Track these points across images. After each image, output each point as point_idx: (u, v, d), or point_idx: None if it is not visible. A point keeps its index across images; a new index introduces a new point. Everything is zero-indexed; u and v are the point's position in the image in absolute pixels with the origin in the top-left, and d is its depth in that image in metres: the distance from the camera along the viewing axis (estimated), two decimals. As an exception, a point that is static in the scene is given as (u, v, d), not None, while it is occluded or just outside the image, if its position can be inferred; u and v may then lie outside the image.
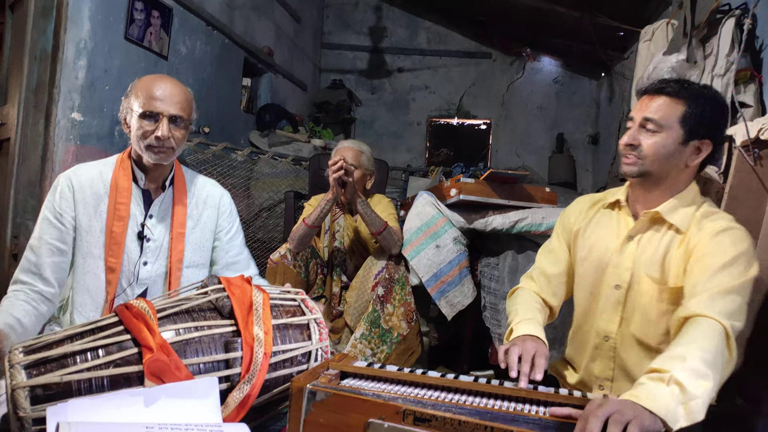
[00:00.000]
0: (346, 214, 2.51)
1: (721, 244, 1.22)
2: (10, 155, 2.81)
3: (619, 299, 1.38)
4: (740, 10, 2.10)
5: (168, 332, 1.12)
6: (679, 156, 1.30)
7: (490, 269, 2.54)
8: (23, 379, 1.00)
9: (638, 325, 1.35)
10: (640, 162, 1.31)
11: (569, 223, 1.55)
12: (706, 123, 1.28)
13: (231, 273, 1.69)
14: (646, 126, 1.31)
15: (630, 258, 1.36)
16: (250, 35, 4.56)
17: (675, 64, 2.26)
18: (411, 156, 6.25)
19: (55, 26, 2.71)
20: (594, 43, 4.74)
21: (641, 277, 1.34)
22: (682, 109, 1.29)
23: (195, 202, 1.67)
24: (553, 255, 1.56)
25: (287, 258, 2.29)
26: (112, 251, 1.52)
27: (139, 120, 1.50)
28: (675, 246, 1.31)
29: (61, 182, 1.55)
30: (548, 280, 1.53)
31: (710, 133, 1.29)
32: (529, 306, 1.45)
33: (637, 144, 1.32)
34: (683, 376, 0.96)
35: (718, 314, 1.11)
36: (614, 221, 1.44)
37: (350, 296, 2.37)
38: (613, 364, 1.40)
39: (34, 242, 1.51)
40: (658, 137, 1.29)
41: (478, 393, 1.08)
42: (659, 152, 1.29)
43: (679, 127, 1.28)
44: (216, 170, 3.43)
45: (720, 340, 1.07)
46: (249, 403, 1.12)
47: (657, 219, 1.34)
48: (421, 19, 6.31)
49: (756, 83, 2.07)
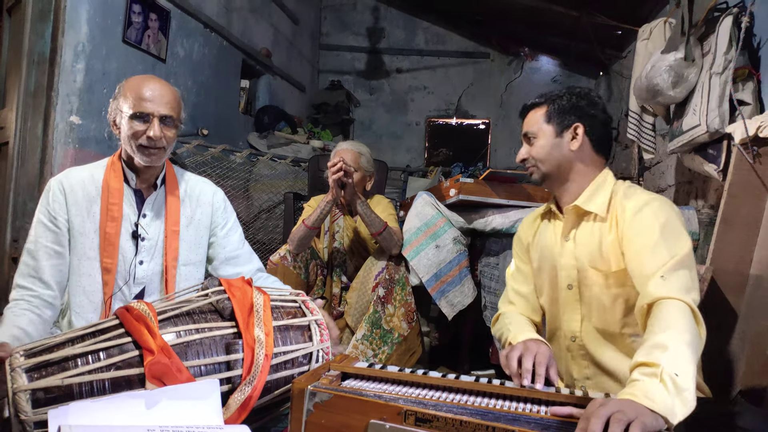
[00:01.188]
0: (345, 215, 2.51)
1: (645, 220, 1.28)
2: (8, 159, 2.81)
3: (575, 297, 1.43)
4: (738, 8, 2.11)
5: (169, 334, 1.12)
6: (560, 147, 1.42)
7: (491, 269, 2.54)
8: (24, 382, 1.00)
9: (597, 317, 1.40)
10: (536, 169, 1.46)
11: (521, 240, 1.63)
12: (567, 110, 1.42)
13: (231, 268, 1.69)
14: (528, 140, 1.48)
15: (571, 256, 1.42)
16: (248, 37, 4.56)
17: (673, 62, 2.27)
18: (410, 156, 6.25)
19: (53, 30, 2.71)
20: (592, 42, 4.74)
21: (587, 271, 1.39)
22: (543, 111, 1.45)
23: (188, 200, 1.67)
24: (521, 275, 1.62)
25: (287, 259, 2.29)
26: (106, 252, 1.52)
27: (130, 121, 1.50)
28: (606, 232, 1.37)
29: (52, 186, 1.55)
30: (525, 299, 1.59)
31: (577, 116, 1.42)
32: (520, 321, 1.51)
33: (528, 156, 1.47)
34: (673, 367, 0.98)
35: (678, 292, 1.14)
36: (551, 227, 1.51)
37: (351, 297, 2.37)
38: (587, 362, 1.44)
39: (30, 246, 1.51)
40: (537, 143, 1.45)
41: (480, 393, 1.08)
42: (542, 153, 1.44)
43: (547, 125, 1.44)
44: (215, 172, 3.43)
45: (689, 318, 1.10)
46: (250, 404, 1.12)
47: (580, 212, 1.41)
48: (419, 19, 6.32)
49: (754, 81, 2.08)
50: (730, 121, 2.06)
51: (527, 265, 1.60)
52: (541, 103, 1.47)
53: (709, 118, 2.12)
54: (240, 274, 1.65)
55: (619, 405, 0.90)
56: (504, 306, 1.62)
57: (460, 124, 6.30)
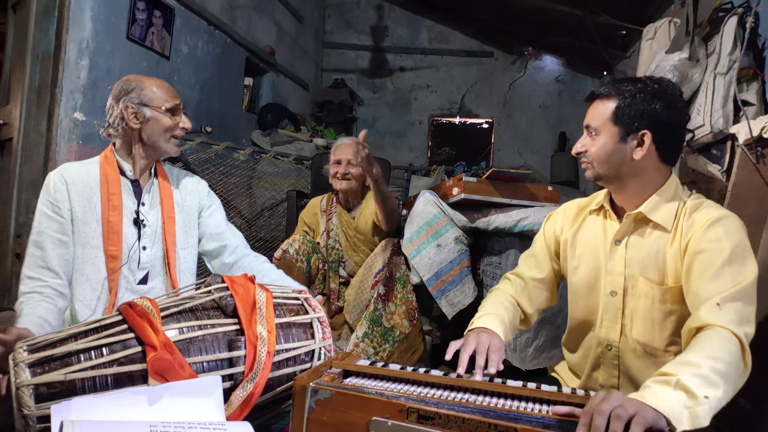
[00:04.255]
0: (341, 210, 2.52)
1: (716, 236, 1.19)
2: (12, 155, 2.82)
3: (617, 306, 1.35)
4: (743, 8, 2.10)
5: (172, 331, 1.12)
6: (622, 153, 1.29)
7: (493, 268, 2.54)
8: (27, 377, 1.00)
9: (641, 330, 1.32)
10: (591, 167, 1.34)
11: (555, 230, 1.52)
12: (638, 113, 1.26)
13: (216, 243, 1.79)
14: (589, 133, 1.34)
15: (621, 262, 1.34)
16: (252, 35, 4.56)
17: (677, 62, 2.26)
18: (413, 155, 6.25)
19: (57, 26, 2.71)
20: (596, 41, 4.73)
21: (636, 280, 1.31)
22: (612, 107, 1.29)
23: (178, 189, 1.78)
24: (534, 260, 1.53)
25: (289, 253, 2.33)
26: (111, 240, 1.59)
27: (165, 114, 1.64)
28: (667, 243, 1.28)
29: (53, 178, 1.60)
30: (525, 284, 1.50)
31: (647, 122, 1.26)
32: (496, 304, 1.43)
33: (584, 150, 1.35)
34: (690, 381, 0.94)
35: (730, 323, 1.08)
36: (600, 226, 1.41)
37: (349, 294, 2.38)
38: (618, 372, 1.38)
39: (36, 237, 1.55)
40: (598, 140, 1.31)
41: (481, 392, 1.08)
42: (601, 154, 1.31)
43: (612, 125, 1.29)
44: (218, 169, 3.43)
45: (735, 351, 1.05)
46: (252, 401, 1.12)
47: (641, 219, 1.32)
48: (422, 18, 6.31)
49: (759, 81, 2.07)
50: (734, 122, 2.05)
51: (548, 255, 1.52)
52: (610, 95, 1.31)
53: (713, 119, 2.11)
54: (226, 246, 1.78)
55: (620, 400, 0.89)
56: (502, 282, 1.55)
57: (463, 123, 6.30)
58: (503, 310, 1.41)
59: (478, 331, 1.29)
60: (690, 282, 1.21)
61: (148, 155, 1.67)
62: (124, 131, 1.64)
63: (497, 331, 1.30)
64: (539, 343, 2.38)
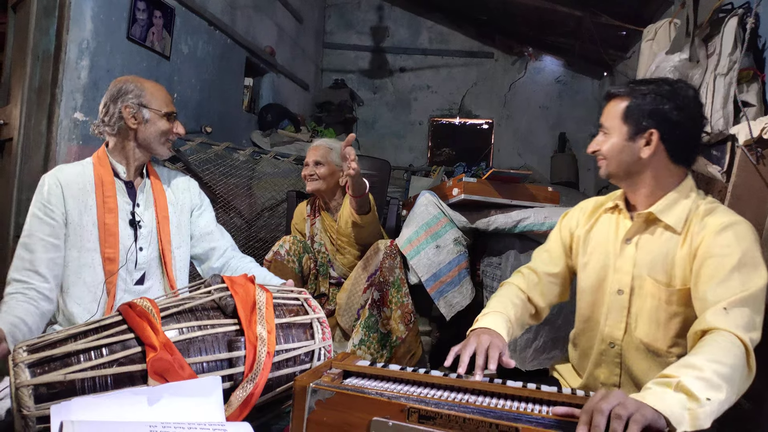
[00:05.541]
0: (323, 212, 2.50)
1: (727, 241, 1.19)
2: (12, 155, 2.82)
3: (623, 304, 1.36)
4: (743, 9, 2.10)
5: (171, 331, 1.12)
6: (631, 152, 1.32)
7: (493, 269, 2.54)
8: (27, 377, 1.00)
9: (646, 329, 1.32)
10: (604, 164, 1.37)
11: (571, 226, 1.54)
12: (646, 112, 1.29)
13: (206, 243, 1.80)
14: (603, 131, 1.38)
15: (630, 261, 1.35)
16: (252, 35, 4.56)
17: (677, 63, 2.26)
18: (413, 155, 6.24)
19: (58, 26, 2.71)
20: (596, 42, 4.73)
21: (644, 280, 1.32)
22: (623, 105, 1.33)
23: (170, 188, 1.78)
24: (548, 255, 1.55)
25: (279, 254, 2.31)
26: (108, 242, 1.58)
27: (162, 119, 1.67)
28: (677, 245, 1.28)
29: (47, 180, 1.60)
30: (539, 279, 1.51)
31: (655, 121, 1.29)
32: (504, 299, 1.44)
33: (598, 149, 1.38)
34: (692, 383, 0.95)
35: (736, 328, 1.08)
36: (613, 225, 1.42)
37: (341, 297, 2.36)
38: (619, 370, 1.38)
39: (25, 240, 1.55)
40: (610, 139, 1.35)
41: (481, 392, 1.08)
42: (612, 152, 1.34)
43: (622, 124, 1.32)
44: (218, 170, 3.42)
45: (740, 355, 1.05)
46: (252, 401, 1.12)
47: (652, 219, 1.33)
48: (422, 18, 6.30)
49: (759, 82, 2.07)
50: (734, 123, 2.05)
51: (562, 251, 1.53)
52: (623, 94, 1.34)
53: (714, 119, 2.11)
54: (215, 249, 1.80)
55: (620, 398, 0.89)
56: (514, 276, 1.57)
57: (463, 124, 6.29)
58: (510, 307, 1.41)
59: (478, 331, 1.30)
60: (698, 286, 1.21)
61: (142, 156, 1.68)
62: (120, 131, 1.64)
63: (499, 330, 1.31)
64: (539, 344, 2.38)
